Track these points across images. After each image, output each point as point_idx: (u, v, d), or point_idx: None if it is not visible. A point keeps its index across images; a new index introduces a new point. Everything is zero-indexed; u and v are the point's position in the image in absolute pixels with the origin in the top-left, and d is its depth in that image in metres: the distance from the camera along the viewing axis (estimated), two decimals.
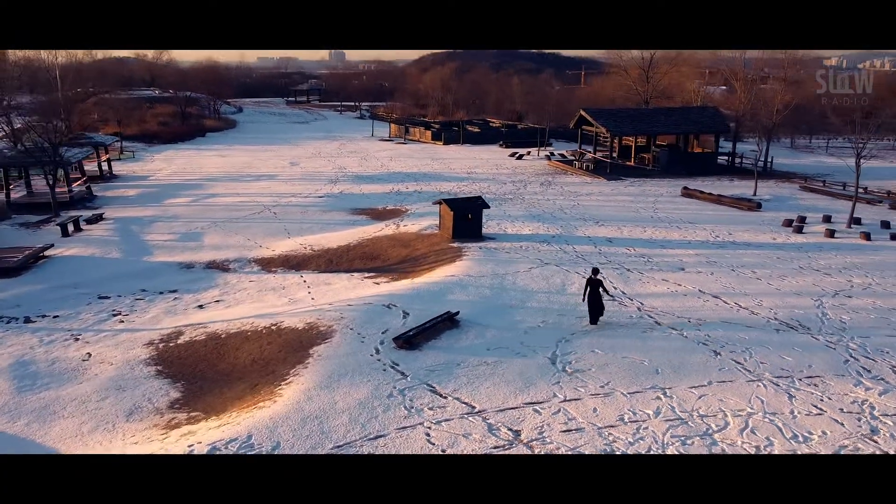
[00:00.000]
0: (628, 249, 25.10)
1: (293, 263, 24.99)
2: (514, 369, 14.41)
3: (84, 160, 40.11)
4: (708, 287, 20.43)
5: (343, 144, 63.53)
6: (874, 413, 12.58)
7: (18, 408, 14.14)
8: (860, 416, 12.45)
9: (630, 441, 11.57)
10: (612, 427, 12.05)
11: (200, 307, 20.47)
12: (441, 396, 13.24)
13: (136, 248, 27.13)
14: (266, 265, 24.93)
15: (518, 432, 11.88)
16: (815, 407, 12.80)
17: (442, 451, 11.24)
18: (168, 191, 39.33)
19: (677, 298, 19.38)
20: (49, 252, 25.64)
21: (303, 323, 17.46)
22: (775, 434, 11.80)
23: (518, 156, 53.77)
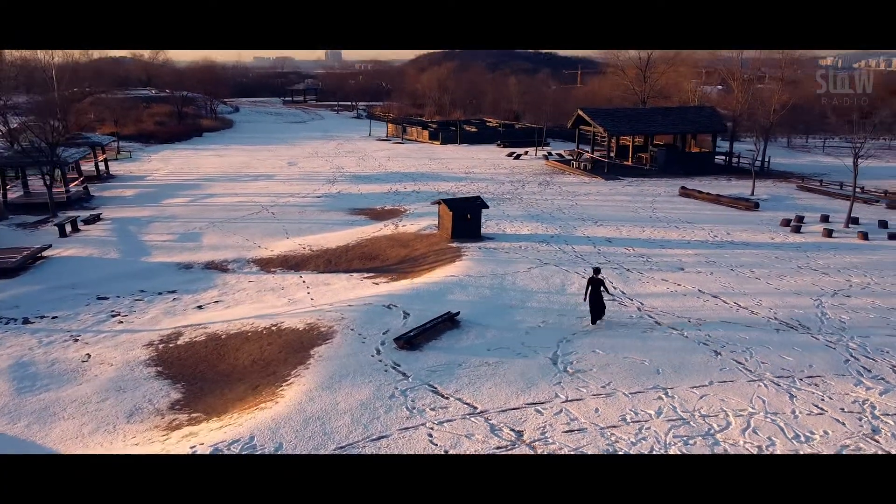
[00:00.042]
0: (627, 249, 25.12)
1: (292, 264, 24.95)
2: (516, 370, 14.41)
3: (81, 160, 39.99)
4: (707, 287, 20.46)
5: (340, 144, 63.51)
6: (875, 413, 12.61)
7: (18, 409, 14.10)
8: (861, 416, 12.48)
9: (632, 441, 11.58)
10: (615, 427, 12.06)
11: (200, 308, 20.43)
12: (443, 397, 13.23)
13: (135, 249, 27.06)
14: (265, 265, 24.89)
15: (520, 433, 11.88)
16: (817, 407, 12.83)
17: (445, 452, 11.23)
18: (165, 191, 39.25)
19: (677, 298, 19.41)
20: (47, 253, 25.56)
21: (303, 323, 17.44)
22: (777, 434, 11.82)
23: (515, 155, 53.77)
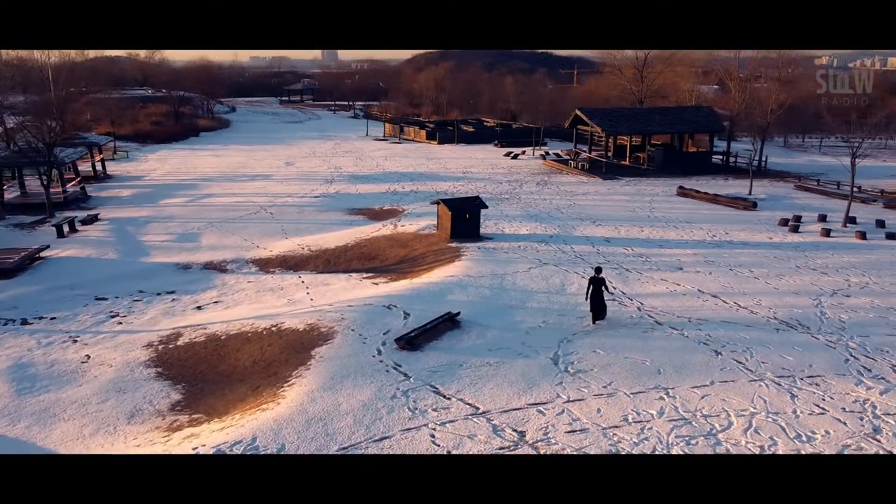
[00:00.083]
0: (626, 249, 25.14)
1: (291, 264, 24.91)
2: (517, 370, 14.41)
3: (78, 160, 39.88)
4: (707, 286, 20.49)
5: (338, 144, 63.46)
6: (876, 412, 12.64)
7: (18, 411, 14.04)
8: (862, 416, 12.51)
9: (635, 441, 11.59)
10: (617, 427, 12.06)
11: (199, 308, 20.39)
12: (444, 397, 13.22)
13: (133, 249, 26.99)
14: (264, 266, 24.85)
15: (523, 433, 11.87)
16: (818, 406, 12.86)
17: (448, 453, 11.22)
18: (163, 191, 39.16)
19: (677, 298, 19.43)
20: (45, 253, 25.48)
21: (303, 324, 17.41)
22: (779, 434, 11.84)
23: (513, 155, 53.78)
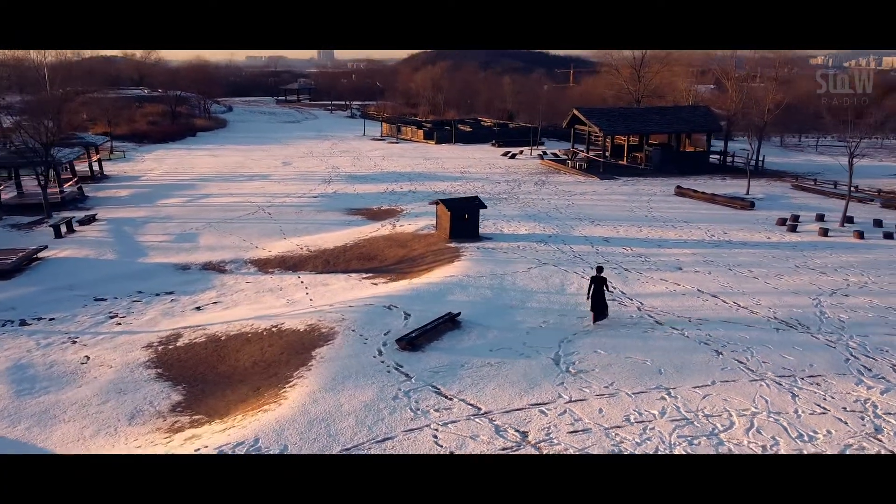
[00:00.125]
0: (625, 249, 25.16)
1: (290, 264, 24.87)
2: (518, 370, 14.41)
3: (75, 160, 39.73)
4: (706, 286, 20.52)
5: (335, 144, 63.38)
6: (877, 412, 12.67)
7: (18, 412, 13.99)
8: (863, 415, 12.54)
9: (637, 441, 11.60)
10: (619, 427, 12.07)
11: (198, 309, 20.34)
12: (446, 398, 13.21)
13: (131, 250, 26.91)
14: (262, 266, 24.80)
15: (525, 434, 11.87)
16: (819, 406, 12.89)
17: (451, 454, 11.21)
18: (160, 191, 39.06)
19: (676, 298, 19.45)
20: (43, 254, 25.37)
21: (304, 324, 17.38)
22: (781, 434, 11.86)
23: (511, 155, 53.80)
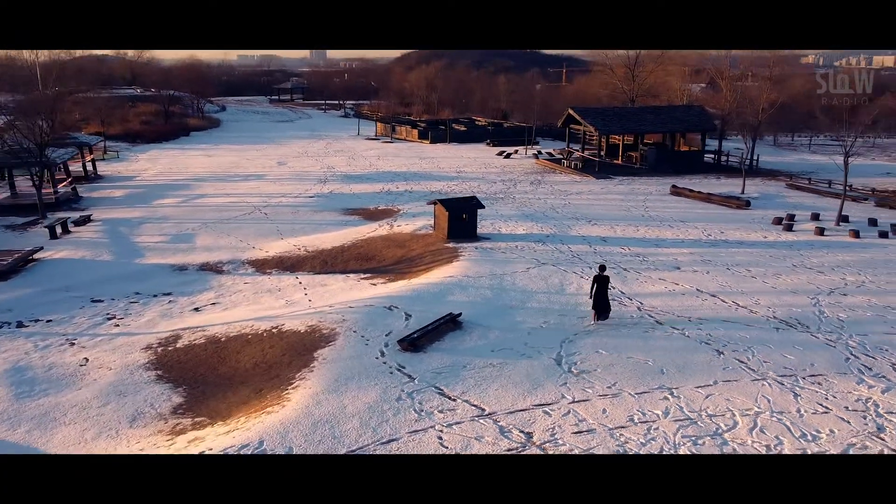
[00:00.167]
0: (623, 249, 25.20)
1: (288, 265, 24.79)
2: (521, 371, 14.41)
3: (69, 160, 39.50)
4: (705, 286, 20.57)
5: (329, 143, 63.24)
6: (879, 411, 12.74)
7: (18, 415, 13.88)
8: (865, 415, 12.60)
9: (642, 442, 11.61)
10: (623, 428, 12.08)
11: (196, 310, 20.24)
12: (450, 399, 13.20)
13: (127, 250, 26.77)
14: (260, 267, 24.71)
15: (530, 434, 11.87)
16: (821, 405, 12.94)
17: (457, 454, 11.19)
18: (155, 191, 38.88)
19: (676, 297, 19.50)
20: (38, 255, 25.19)
21: (304, 325, 17.33)
22: (784, 433, 11.90)
23: (506, 154, 53.81)
